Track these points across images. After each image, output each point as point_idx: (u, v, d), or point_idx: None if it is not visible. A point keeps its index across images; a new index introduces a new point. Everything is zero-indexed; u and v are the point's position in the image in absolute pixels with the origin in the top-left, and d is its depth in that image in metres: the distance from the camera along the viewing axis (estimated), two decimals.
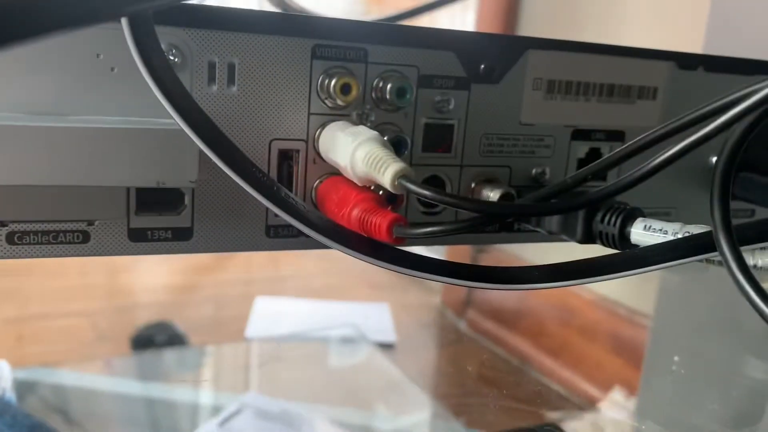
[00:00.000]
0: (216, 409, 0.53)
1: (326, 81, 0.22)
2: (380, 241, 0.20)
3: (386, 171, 0.19)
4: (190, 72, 0.21)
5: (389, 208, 0.21)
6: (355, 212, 0.20)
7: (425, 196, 0.20)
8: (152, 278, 0.78)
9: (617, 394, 0.53)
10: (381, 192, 0.22)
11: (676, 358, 0.40)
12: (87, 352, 0.64)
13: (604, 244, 0.24)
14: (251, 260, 0.85)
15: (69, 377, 0.54)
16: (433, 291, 0.90)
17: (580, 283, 0.22)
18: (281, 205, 0.20)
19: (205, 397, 0.56)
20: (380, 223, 0.20)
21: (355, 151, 0.20)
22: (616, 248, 0.23)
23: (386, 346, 0.72)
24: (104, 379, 0.56)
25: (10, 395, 0.43)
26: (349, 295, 0.84)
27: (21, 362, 0.52)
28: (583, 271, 0.22)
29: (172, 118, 0.19)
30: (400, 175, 0.19)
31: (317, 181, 0.23)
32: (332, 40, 0.22)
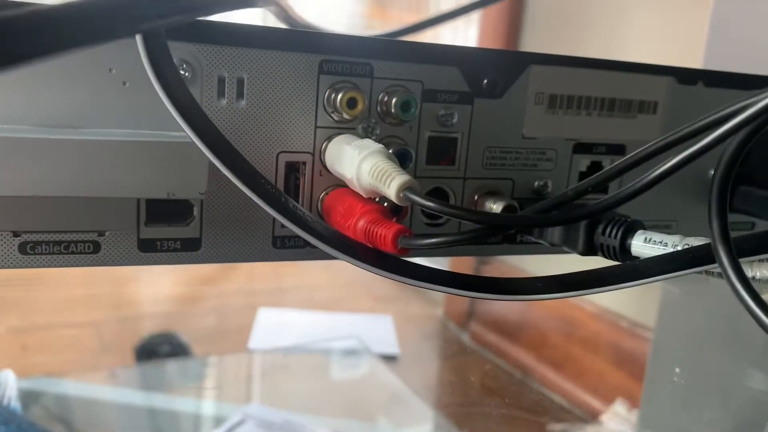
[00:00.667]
0: (219, 420, 0.53)
1: (333, 95, 0.23)
2: (385, 252, 0.21)
3: (391, 183, 0.20)
4: (200, 86, 0.22)
5: (394, 219, 0.21)
6: (361, 223, 0.21)
7: (430, 208, 0.20)
8: (156, 289, 0.78)
9: (619, 406, 0.53)
10: (386, 204, 0.22)
11: (677, 370, 0.40)
12: (91, 362, 0.64)
13: (605, 256, 0.24)
14: (254, 271, 0.85)
15: (73, 387, 0.54)
16: (436, 303, 0.90)
17: (582, 294, 0.22)
18: (289, 216, 0.20)
19: (208, 407, 0.56)
20: (385, 234, 0.20)
21: (360, 163, 0.21)
22: (616, 260, 0.24)
23: (389, 358, 0.72)
24: (108, 389, 0.56)
25: (15, 404, 0.43)
26: (352, 307, 0.85)
27: (26, 372, 0.53)
28: (585, 283, 0.22)
29: (182, 130, 0.19)
30: (405, 188, 0.20)
31: (323, 193, 0.24)
32: (339, 55, 0.23)
